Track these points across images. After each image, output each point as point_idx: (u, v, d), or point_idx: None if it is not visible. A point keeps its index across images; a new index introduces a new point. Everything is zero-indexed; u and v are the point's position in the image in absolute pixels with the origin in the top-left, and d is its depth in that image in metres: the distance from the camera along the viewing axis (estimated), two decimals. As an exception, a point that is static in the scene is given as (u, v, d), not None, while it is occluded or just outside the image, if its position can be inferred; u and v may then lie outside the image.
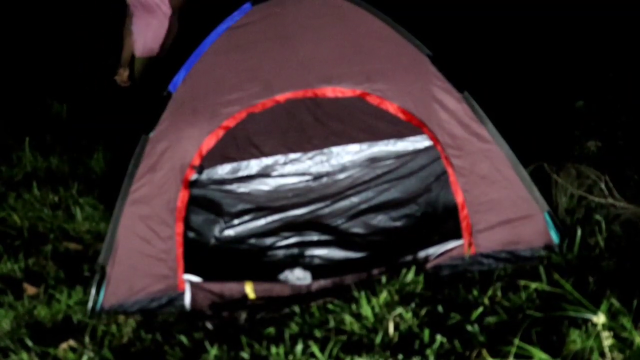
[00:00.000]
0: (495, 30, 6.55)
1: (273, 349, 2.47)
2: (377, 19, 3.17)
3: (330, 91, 3.14)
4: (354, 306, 2.75)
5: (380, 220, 4.01)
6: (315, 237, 3.86)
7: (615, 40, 6.17)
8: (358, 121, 4.28)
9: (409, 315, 2.59)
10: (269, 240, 3.90)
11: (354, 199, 4.19)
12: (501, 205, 3.15)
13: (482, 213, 3.16)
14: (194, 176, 3.18)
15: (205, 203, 4.10)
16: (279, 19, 3.19)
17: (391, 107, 3.15)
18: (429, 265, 3.14)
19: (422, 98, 3.15)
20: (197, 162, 3.13)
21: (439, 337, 2.39)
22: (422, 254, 3.20)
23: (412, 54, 3.16)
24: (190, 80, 3.13)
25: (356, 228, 3.99)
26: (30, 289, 3.06)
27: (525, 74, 5.84)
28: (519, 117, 4.53)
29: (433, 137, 3.18)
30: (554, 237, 3.14)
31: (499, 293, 2.79)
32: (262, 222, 4.08)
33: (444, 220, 3.59)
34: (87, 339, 2.74)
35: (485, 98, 3.33)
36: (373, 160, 4.34)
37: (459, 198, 3.17)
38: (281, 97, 3.15)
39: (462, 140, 3.15)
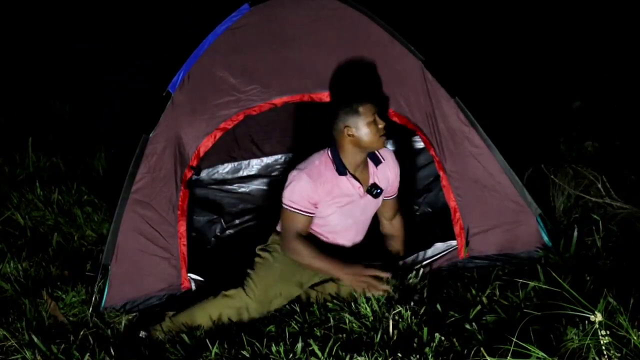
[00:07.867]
0: (493, 30, 6.56)
1: (273, 348, 2.50)
2: (373, 23, 3.18)
3: (327, 96, 3.13)
4: (353, 305, 2.77)
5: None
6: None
7: (612, 41, 6.19)
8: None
9: (407, 314, 2.61)
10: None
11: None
12: (493, 209, 3.17)
13: (475, 217, 3.18)
14: (192, 176, 3.19)
15: (206, 203, 4.12)
16: (277, 21, 3.18)
17: (386, 111, 3.16)
18: (428, 264, 3.16)
19: (415, 102, 3.17)
20: (194, 162, 3.13)
21: (437, 336, 2.41)
22: (421, 253, 3.21)
23: (406, 59, 3.17)
24: (189, 80, 3.13)
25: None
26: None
27: (523, 75, 5.86)
28: (517, 118, 4.55)
29: (426, 141, 3.19)
30: (546, 240, 3.17)
31: (497, 292, 2.82)
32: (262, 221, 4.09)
33: (443, 220, 3.60)
34: (89, 338, 2.77)
35: (483, 98, 3.35)
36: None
37: (452, 202, 3.19)
38: (278, 100, 3.15)
39: (454, 144, 3.17)
